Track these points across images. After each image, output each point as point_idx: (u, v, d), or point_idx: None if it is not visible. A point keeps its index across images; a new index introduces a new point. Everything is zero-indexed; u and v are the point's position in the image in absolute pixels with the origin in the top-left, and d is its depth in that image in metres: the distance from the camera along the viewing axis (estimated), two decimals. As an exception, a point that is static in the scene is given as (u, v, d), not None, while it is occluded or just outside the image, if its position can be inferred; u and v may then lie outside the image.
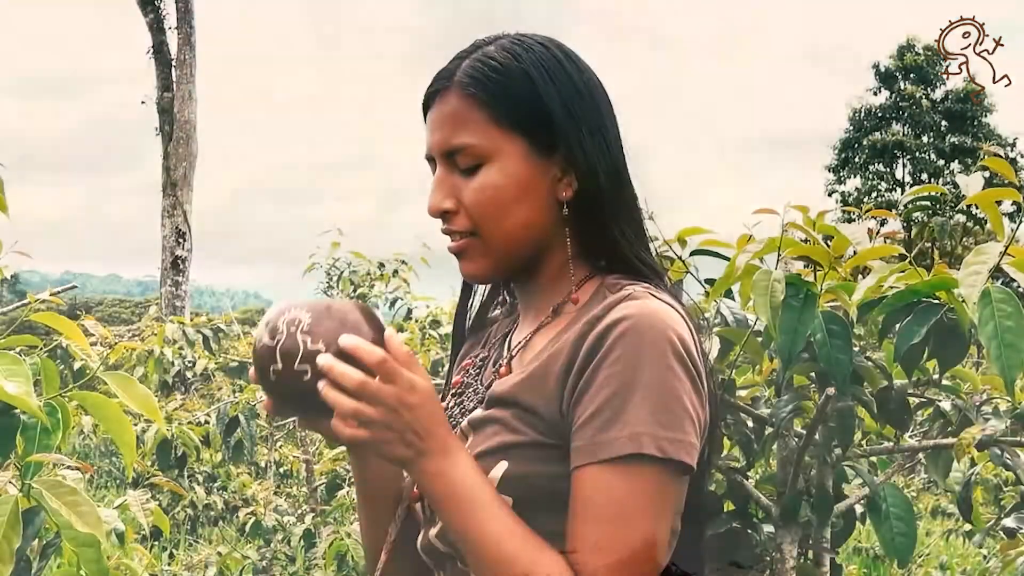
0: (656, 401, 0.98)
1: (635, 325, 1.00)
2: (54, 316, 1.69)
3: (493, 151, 1.07)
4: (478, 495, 1.00)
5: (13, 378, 1.49)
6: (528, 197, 1.08)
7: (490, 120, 1.07)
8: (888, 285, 1.59)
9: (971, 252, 1.44)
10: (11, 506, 1.38)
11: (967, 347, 1.57)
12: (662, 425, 0.98)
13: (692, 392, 1.01)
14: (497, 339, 1.23)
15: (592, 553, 0.98)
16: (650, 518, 0.99)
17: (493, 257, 1.10)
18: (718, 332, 1.73)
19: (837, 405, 1.64)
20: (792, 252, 1.64)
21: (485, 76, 1.08)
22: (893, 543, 1.70)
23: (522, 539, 1.00)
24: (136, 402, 1.57)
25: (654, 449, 0.97)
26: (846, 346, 1.56)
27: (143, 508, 1.93)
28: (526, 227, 1.09)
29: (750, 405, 1.82)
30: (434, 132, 1.11)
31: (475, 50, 1.11)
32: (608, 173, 1.10)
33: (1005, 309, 1.39)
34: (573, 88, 1.10)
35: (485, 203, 1.07)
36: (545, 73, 1.08)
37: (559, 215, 1.10)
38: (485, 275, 1.13)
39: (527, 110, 1.08)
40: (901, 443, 1.79)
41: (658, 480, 0.99)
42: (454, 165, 1.09)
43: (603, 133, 1.11)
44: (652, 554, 1.00)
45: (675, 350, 1.00)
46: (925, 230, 1.74)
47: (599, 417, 0.99)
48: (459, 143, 1.08)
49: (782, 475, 1.78)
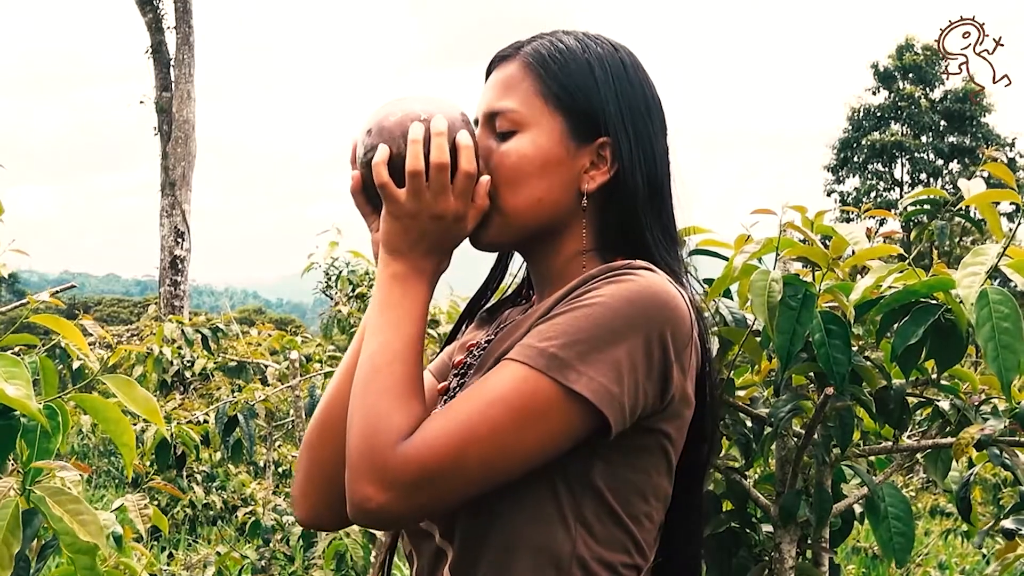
0: (597, 344, 0.98)
1: (630, 284, 1.01)
2: (54, 318, 1.69)
3: (531, 121, 1.10)
4: (406, 318, 1.06)
5: (13, 380, 1.49)
6: (549, 175, 1.10)
7: (537, 92, 1.11)
8: (886, 285, 1.59)
9: (969, 253, 1.44)
10: (11, 510, 1.38)
11: (965, 347, 1.58)
12: (577, 356, 0.97)
13: (642, 363, 0.99)
14: (506, 325, 1.24)
15: (439, 414, 0.99)
16: (508, 418, 0.97)
17: (503, 225, 1.12)
18: (716, 332, 1.73)
19: (835, 405, 1.64)
20: (790, 252, 1.64)
21: (549, 54, 1.12)
22: (891, 543, 1.71)
23: (409, 379, 1.03)
24: (137, 405, 1.57)
25: (541, 364, 0.97)
26: (844, 346, 1.56)
27: (141, 514, 1.93)
28: (539, 202, 1.10)
29: (748, 405, 1.82)
30: (485, 94, 1.15)
31: (552, 33, 1.16)
32: (647, 176, 1.12)
33: (1002, 311, 1.39)
34: (630, 92, 1.13)
35: (506, 167, 1.10)
36: (607, 68, 1.12)
37: (577, 204, 1.12)
38: (492, 242, 1.15)
39: (575, 94, 1.11)
40: (899, 443, 1.79)
41: (534, 393, 0.97)
42: (492, 129, 1.12)
43: (651, 142, 1.13)
44: (487, 448, 0.97)
45: (650, 320, 1.00)
46: (924, 232, 1.74)
47: (540, 326, 1.01)
48: (501, 106, 1.12)
49: (781, 475, 1.78)
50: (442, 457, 0.96)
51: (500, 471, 0.98)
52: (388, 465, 0.96)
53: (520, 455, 0.98)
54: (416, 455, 0.96)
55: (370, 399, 1.01)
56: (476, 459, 0.97)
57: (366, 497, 0.97)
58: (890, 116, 31.80)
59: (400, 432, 0.97)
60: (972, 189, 1.55)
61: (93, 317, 3.24)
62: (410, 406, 1.00)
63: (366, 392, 1.02)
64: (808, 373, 1.71)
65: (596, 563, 1.03)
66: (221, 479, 5.98)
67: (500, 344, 1.10)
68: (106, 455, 8.71)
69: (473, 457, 0.97)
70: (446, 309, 4.64)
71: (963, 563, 6.07)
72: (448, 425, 0.97)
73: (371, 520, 1.00)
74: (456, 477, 0.97)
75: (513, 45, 1.15)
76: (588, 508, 1.03)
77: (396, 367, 1.03)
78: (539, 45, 1.13)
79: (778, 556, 1.75)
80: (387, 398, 1.00)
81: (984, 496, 3.97)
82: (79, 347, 1.76)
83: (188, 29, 15.04)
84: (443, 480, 0.97)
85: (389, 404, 1.00)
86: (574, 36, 1.15)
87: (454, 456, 0.96)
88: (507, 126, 1.11)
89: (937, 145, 31.61)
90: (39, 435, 1.55)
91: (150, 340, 5.24)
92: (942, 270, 1.58)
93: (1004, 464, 1.71)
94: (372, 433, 0.98)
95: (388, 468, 0.96)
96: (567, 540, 1.02)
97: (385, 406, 1.00)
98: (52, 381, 1.66)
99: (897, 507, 1.72)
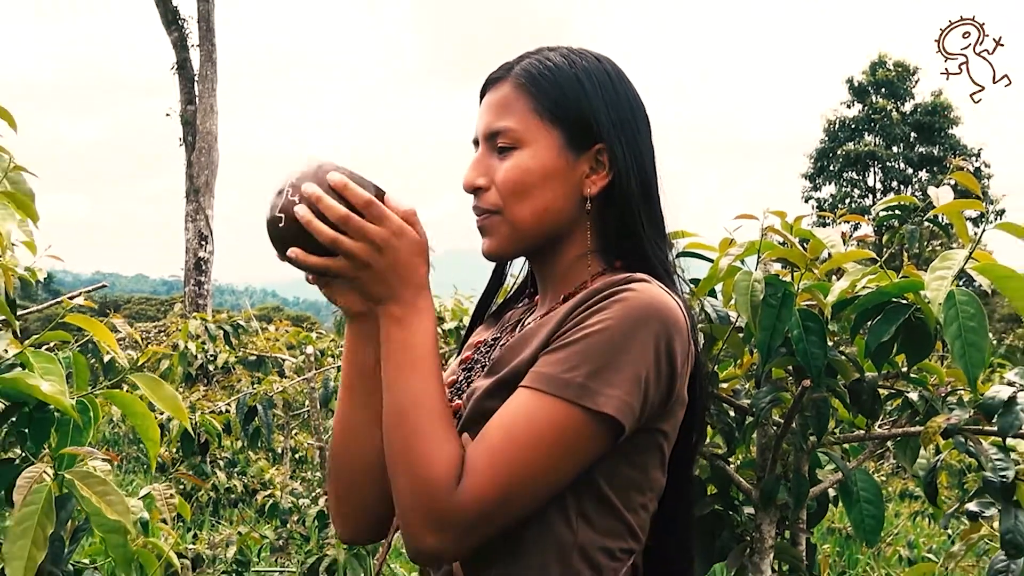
0: (609, 358, 0.98)
1: (633, 300, 1.00)
2: (85, 318, 1.68)
3: (530, 138, 1.09)
4: (422, 356, 1.00)
5: (48, 376, 1.49)
6: (553, 184, 1.09)
7: (533, 110, 1.10)
8: (861, 286, 1.59)
9: (938, 257, 1.44)
10: (45, 495, 1.38)
11: (933, 344, 1.58)
12: (599, 381, 0.97)
13: (653, 374, 1.00)
14: (511, 323, 1.23)
15: (481, 453, 0.97)
16: (545, 453, 0.97)
17: (512, 235, 1.11)
18: (702, 329, 1.73)
19: (812, 396, 1.64)
20: (771, 255, 1.64)
21: (539, 72, 1.11)
22: (863, 524, 1.71)
23: (437, 416, 0.99)
24: (164, 402, 1.57)
25: (572, 395, 0.96)
26: (821, 342, 1.56)
27: (167, 502, 1.93)
28: (546, 211, 1.10)
29: (731, 396, 1.82)
30: (483, 116, 1.13)
31: (537, 51, 1.15)
32: (640, 179, 1.12)
33: (968, 310, 1.39)
34: (617, 100, 1.12)
35: (512, 181, 1.09)
36: (594, 80, 1.11)
37: (582, 208, 1.11)
38: (502, 252, 1.13)
39: (568, 107, 1.10)
40: (871, 431, 1.79)
41: (572, 421, 0.97)
42: (493, 147, 1.11)
43: (639, 145, 1.13)
44: (535, 483, 0.97)
45: (658, 335, 1.00)
46: (896, 236, 1.74)
47: (559, 353, 0.99)
48: (500, 126, 1.10)
49: (761, 461, 1.78)
50: (493, 500, 0.96)
51: (544, 497, 0.99)
52: (444, 515, 0.95)
53: (562, 480, 0.99)
54: (470, 501, 0.95)
55: (409, 448, 0.97)
56: (524, 495, 0.97)
57: (426, 544, 0.96)
58: (864, 128, 31.80)
59: (448, 476, 0.96)
60: (941, 197, 1.55)
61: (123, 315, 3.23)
62: (448, 445, 0.98)
63: (404, 442, 0.98)
64: (787, 367, 1.71)
65: (596, 550, 1.03)
66: (242, 465, 5.97)
67: (517, 347, 1.08)
68: (135, 443, 8.71)
69: (521, 494, 0.97)
70: (450, 307, 4.64)
71: (930, 543, 6.06)
72: (496, 469, 0.96)
73: (432, 561, 1.01)
74: (507, 513, 0.97)
75: (503, 67, 1.14)
76: (589, 503, 1.03)
77: (424, 409, 0.99)
78: (528, 64, 1.12)
79: (759, 536, 1.75)
80: (424, 443, 0.97)
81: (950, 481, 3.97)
82: (109, 345, 1.76)
83: (211, 47, 15.04)
84: (496, 517, 0.97)
85: (428, 449, 0.97)
86: (559, 52, 1.13)
87: (504, 497, 0.96)
88: (508, 143, 1.10)
89: (907, 155, 31.61)
90: (71, 428, 1.55)
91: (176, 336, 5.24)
92: (912, 272, 1.58)
93: (968, 451, 1.71)
94: (421, 484, 0.96)
95: (444, 517, 0.95)
96: (569, 533, 1.02)
97: (425, 452, 0.97)
98: (84, 376, 1.66)
99: (869, 491, 1.72)
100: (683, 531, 1.18)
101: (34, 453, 1.56)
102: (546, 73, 1.11)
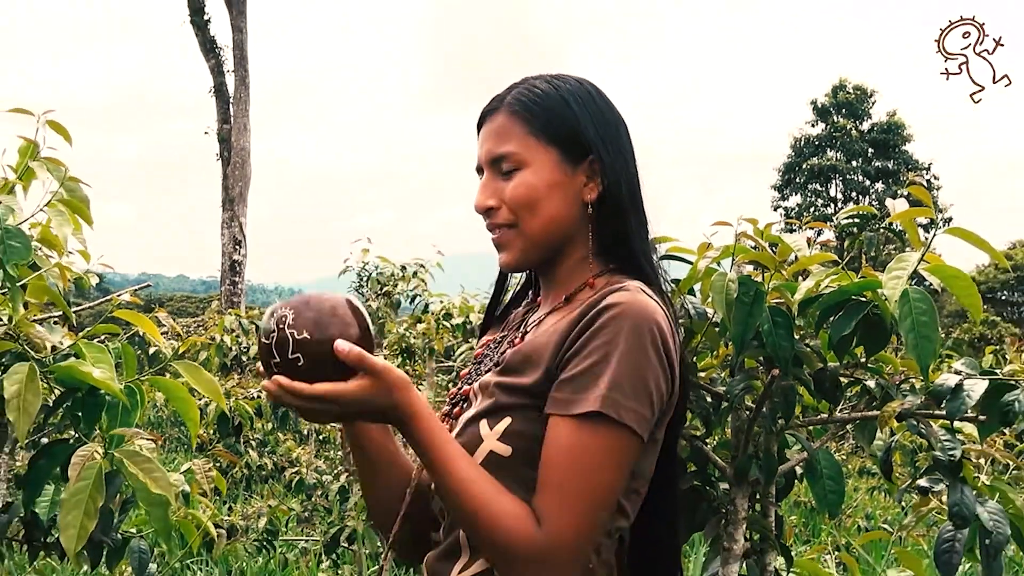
0: (627, 376, 0.98)
1: (623, 312, 1.00)
2: (133, 313, 1.68)
3: (530, 158, 1.09)
4: (440, 444, 0.99)
5: (99, 364, 1.49)
6: (556, 195, 1.09)
7: (529, 133, 1.09)
8: (824, 285, 1.59)
9: (893, 260, 1.44)
10: (97, 471, 1.38)
11: (889, 337, 1.57)
12: (625, 395, 0.98)
13: (660, 374, 1.01)
14: (516, 321, 1.23)
15: (551, 496, 0.97)
16: (604, 470, 0.98)
17: (527, 247, 1.10)
18: (683, 324, 1.72)
19: (781, 384, 1.64)
20: (744, 257, 1.64)
21: (529, 100, 1.10)
22: (826, 498, 1.70)
23: (482, 484, 0.98)
24: (203, 388, 1.56)
25: (613, 412, 0.97)
26: (788, 335, 1.56)
27: (206, 476, 1.93)
28: (555, 219, 1.09)
29: (708, 384, 1.82)
30: (484, 144, 1.12)
31: (523, 82, 1.14)
32: (628, 185, 1.12)
33: (921, 307, 1.39)
34: (601, 115, 1.12)
35: (521, 197, 1.08)
36: (579, 100, 1.11)
37: (583, 214, 1.11)
38: (519, 264, 1.13)
39: (561, 127, 1.09)
40: (833, 415, 1.79)
41: (614, 439, 0.98)
42: (498, 171, 1.10)
43: (624, 154, 1.13)
44: (604, 502, 0.99)
45: (652, 338, 1.00)
46: (856, 241, 1.73)
47: (580, 379, 0.99)
48: (503, 151, 1.09)
49: (735, 441, 1.78)
50: (576, 531, 0.97)
51: (613, 507, 1.02)
52: (542, 565, 0.96)
53: (619, 488, 1.01)
54: (558, 542, 0.96)
55: (479, 525, 0.98)
56: (599, 513, 0.99)
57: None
58: (826, 144, 31.80)
59: (525, 530, 0.97)
60: (896, 206, 1.54)
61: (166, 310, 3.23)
62: (508, 502, 0.98)
63: (474, 521, 0.98)
64: (758, 357, 1.71)
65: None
66: (271, 445, 5.97)
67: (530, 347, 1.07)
68: (177, 424, 8.71)
69: (596, 514, 0.99)
70: (458, 304, 4.64)
71: (885, 515, 6.06)
72: (569, 504, 0.97)
73: None
74: (592, 534, 0.99)
75: (495, 99, 1.13)
76: None
77: (474, 484, 0.98)
78: (518, 94, 1.11)
79: (733, 509, 1.75)
80: (488, 514, 0.97)
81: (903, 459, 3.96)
82: (153, 336, 1.76)
83: (244, 72, 15.04)
84: (585, 542, 0.99)
85: (495, 518, 0.97)
86: (543, 80, 1.13)
87: (584, 523, 0.98)
88: (511, 166, 1.09)
89: (865, 169, 31.60)
90: (120, 411, 1.55)
91: (213, 330, 5.23)
92: (870, 273, 1.58)
93: (920, 433, 1.70)
94: (505, 549, 0.97)
95: (543, 566, 0.96)
96: None
97: (494, 523, 0.97)
98: (132, 364, 1.66)
99: (831, 468, 1.71)
100: (671, 512, 1.18)
101: (87, 433, 1.56)
102: (536, 99, 1.10)
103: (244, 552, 4.40)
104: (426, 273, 5.03)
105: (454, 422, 1.12)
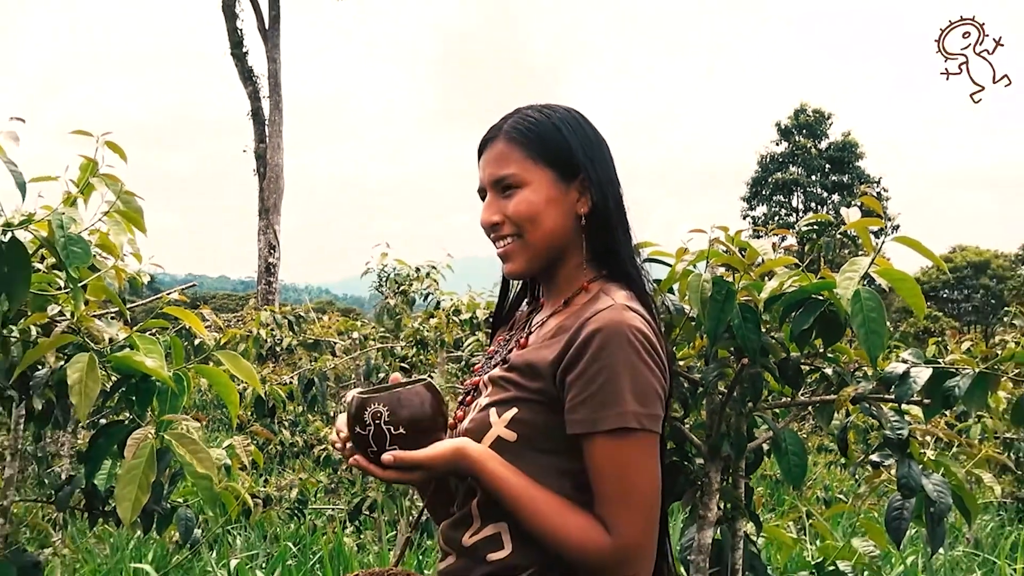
0: (634, 386, 0.99)
1: (610, 332, 1.00)
2: (180, 310, 1.69)
3: (529, 178, 1.09)
4: (508, 479, 1.01)
5: (151, 354, 1.49)
6: (554, 210, 1.09)
7: (527, 157, 1.09)
8: (787, 285, 1.59)
9: (847, 263, 1.44)
10: (148, 450, 1.38)
11: (843, 330, 1.57)
12: (640, 404, 0.99)
13: (658, 374, 1.02)
14: (522, 321, 1.24)
15: (614, 506, 0.99)
16: (645, 472, 1.00)
17: (531, 256, 1.11)
18: (663, 319, 1.72)
19: (749, 371, 1.63)
20: (717, 260, 1.64)
21: (525, 127, 1.11)
22: (790, 472, 1.70)
23: (551, 506, 1.01)
24: (242, 374, 1.57)
25: (635, 423, 0.98)
26: (756, 328, 1.56)
27: (245, 451, 1.93)
28: (554, 231, 1.10)
29: (686, 371, 1.82)
30: (486, 168, 1.12)
31: (517, 112, 1.14)
32: (614, 199, 1.12)
33: (871, 305, 1.39)
34: (588, 139, 1.12)
35: (524, 212, 1.09)
36: (568, 126, 1.11)
37: (577, 225, 1.11)
38: (523, 272, 1.13)
39: (554, 150, 1.10)
40: (796, 399, 1.79)
41: (643, 445, 0.99)
42: (500, 191, 1.11)
43: (609, 172, 1.13)
44: (655, 499, 1.01)
45: (642, 347, 1.00)
46: (815, 246, 1.73)
47: (595, 399, 0.99)
48: (504, 173, 1.10)
49: (709, 422, 1.78)
50: (643, 530, 0.99)
51: (659, 500, 1.03)
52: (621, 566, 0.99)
53: (659, 484, 1.03)
54: (632, 544, 0.99)
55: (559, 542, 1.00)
56: (655, 509, 1.01)
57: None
58: (789, 161, 31.77)
59: (596, 540, 0.99)
60: (850, 215, 1.54)
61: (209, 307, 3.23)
62: (574, 517, 1.00)
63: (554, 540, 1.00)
64: (730, 348, 1.71)
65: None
66: (302, 424, 5.96)
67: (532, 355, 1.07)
68: (219, 407, 8.71)
69: (654, 511, 1.01)
70: (466, 302, 4.64)
71: (841, 486, 6.05)
72: (632, 508, 0.99)
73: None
74: (654, 529, 1.01)
75: (493, 128, 1.13)
76: (583, 477, 1.03)
77: (545, 507, 1.00)
78: (514, 123, 1.12)
79: (707, 481, 1.75)
80: (562, 533, 0.99)
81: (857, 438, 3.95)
82: (198, 330, 1.76)
83: (278, 97, 15.05)
84: (650, 536, 1.01)
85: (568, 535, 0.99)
86: (535, 109, 1.13)
87: (647, 522, 1.00)
88: (512, 186, 1.09)
89: (824, 182, 31.57)
90: (169, 395, 1.55)
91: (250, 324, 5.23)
92: (827, 274, 1.58)
93: (872, 414, 1.70)
94: (587, 561, 0.99)
95: (623, 566, 0.99)
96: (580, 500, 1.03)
97: (569, 539, 0.99)
98: (179, 354, 1.66)
99: (794, 445, 1.71)
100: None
101: (140, 415, 1.56)
102: (531, 126, 1.11)
103: (278, 519, 4.41)
104: (438, 274, 5.03)
105: (467, 408, 1.13)
